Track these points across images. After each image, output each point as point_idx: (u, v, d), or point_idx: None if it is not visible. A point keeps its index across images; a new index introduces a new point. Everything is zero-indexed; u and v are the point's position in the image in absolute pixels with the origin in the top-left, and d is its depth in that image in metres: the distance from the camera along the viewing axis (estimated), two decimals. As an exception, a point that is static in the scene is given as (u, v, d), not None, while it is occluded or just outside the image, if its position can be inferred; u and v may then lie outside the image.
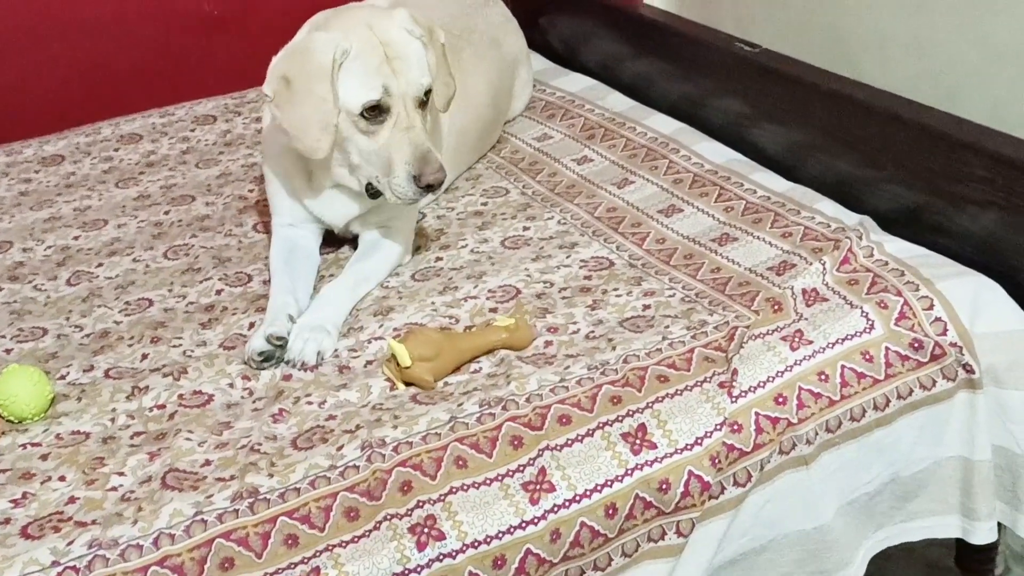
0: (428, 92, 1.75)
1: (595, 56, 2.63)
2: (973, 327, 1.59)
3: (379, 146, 1.71)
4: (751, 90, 2.15)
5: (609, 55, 2.59)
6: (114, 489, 1.40)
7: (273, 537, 1.32)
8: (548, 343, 1.64)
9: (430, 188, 1.69)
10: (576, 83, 2.54)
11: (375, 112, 1.70)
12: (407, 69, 1.72)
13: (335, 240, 1.98)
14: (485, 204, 2.10)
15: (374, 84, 1.69)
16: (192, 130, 2.53)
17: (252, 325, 1.74)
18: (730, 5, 3.02)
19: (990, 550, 1.79)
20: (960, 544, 1.76)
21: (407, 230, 1.94)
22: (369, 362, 1.63)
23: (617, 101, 2.41)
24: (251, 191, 2.22)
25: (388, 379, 1.58)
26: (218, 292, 1.87)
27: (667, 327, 1.63)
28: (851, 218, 1.84)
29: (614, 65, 2.56)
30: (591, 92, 2.48)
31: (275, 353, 1.64)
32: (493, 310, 1.74)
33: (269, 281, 1.83)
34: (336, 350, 1.66)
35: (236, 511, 1.34)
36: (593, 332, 1.65)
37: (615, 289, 1.76)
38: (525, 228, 1.98)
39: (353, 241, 1.95)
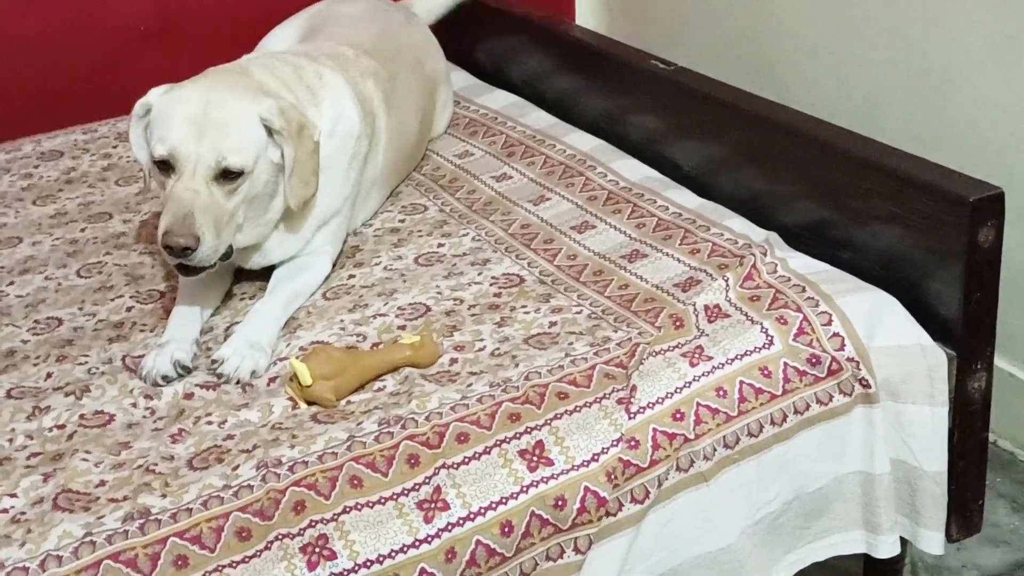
0: (235, 173, 1.69)
1: (520, 73, 2.65)
2: (870, 342, 1.61)
3: (164, 198, 1.72)
4: (667, 108, 2.18)
5: (533, 72, 2.60)
6: (5, 511, 1.38)
7: (163, 558, 1.31)
8: (453, 360, 1.64)
9: (168, 249, 1.64)
10: (499, 100, 2.55)
11: (166, 167, 1.70)
12: (214, 140, 1.69)
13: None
14: (403, 221, 2.10)
15: (167, 140, 1.69)
16: (115, 147, 2.52)
17: (160, 344, 1.74)
18: (661, 25, 3.07)
19: (897, 562, 1.81)
20: (867, 558, 1.78)
21: (334, 252, 1.94)
22: (272, 380, 1.63)
23: (539, 118, 2.42)
24: (169, 209, 2.21)
25: (290, 398, 1.58)
26: (128, 309, 1.86)
27: (571, 344, 1.64)
28: (759, 234, 1.86)
29: (538, 82, 2.58)
30: (513, 109, 2.49)
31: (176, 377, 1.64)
32: (402, 327, 1.74)
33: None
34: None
35: (126, 532, 1.33)
36: (498, 349, 1.65)
37: (523, 306, 1.76)
38: (440, 245, 1.99)
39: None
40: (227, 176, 1.70)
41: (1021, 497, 2.25)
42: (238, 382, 1.63)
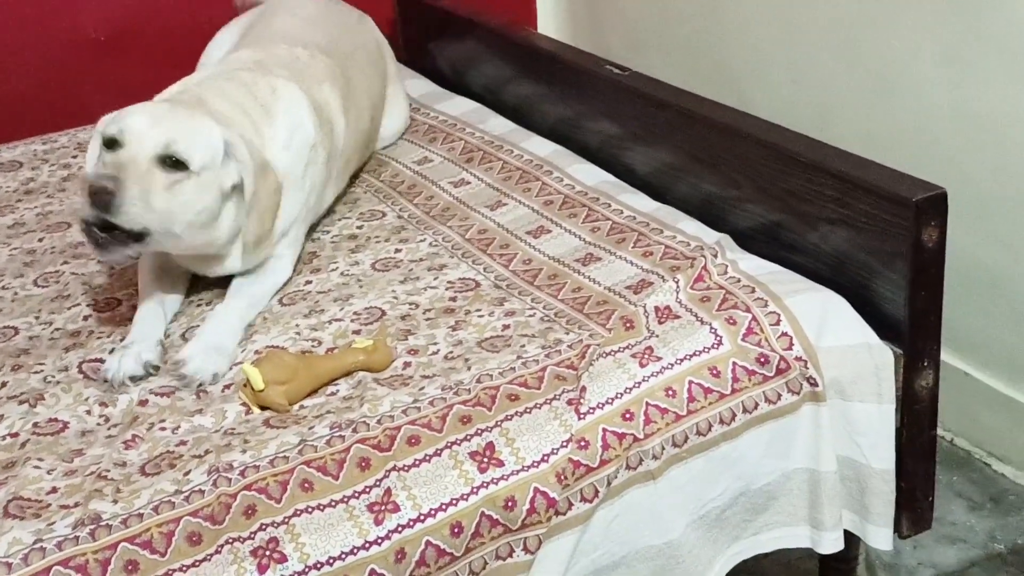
0: (179, 165, 1.68)
1: (480, 80, 2.67)
2: (818, 341, 1.63)
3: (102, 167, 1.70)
4: (622, 113, 2.19)
5: (493, 79, 2.62)
6: (-44, 520, 1.39)
7: (113, 564, 1.31)
8: (407, 364, 1.65)
9: (89, 190, 1.61)
10: (459, 106, 2.57)
11: (112, 147, 1.70)
12: (168, 128, 1.70)
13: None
14: (360, 227, 2.11)
15: (118, 120, 1.70)
16: (74, 156, 2.52)
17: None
18: (621, 33, 3.10)
19: (850, 560, 1.83)
20: (823, 556, 1.80)
21: (294, 255, 1.95)
22: (227, 387, 1.64)
23: (498, 124, 2.44)
24: (128, 217, 2.21)
25: (244, 404, 1.59)
26: (85, 318, 1.86)
27: (523, 346, 1.65)
28: (711, 236, 1.88)
29: (497, 89, 2.59)
30: (473, 115, 2.51)
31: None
32: (357, 332, 1.75)
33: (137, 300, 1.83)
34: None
35: (76, 538, 1.33)
36: (452, 352, 1.67)
37: (478, 310, 1.78)
38: (397, 250, 2.00)
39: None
40: (171, 165, 1.68)
41: (977, 495, 2.28)
42: (199, 384, 1.63)
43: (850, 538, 1.70)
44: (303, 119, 1.97)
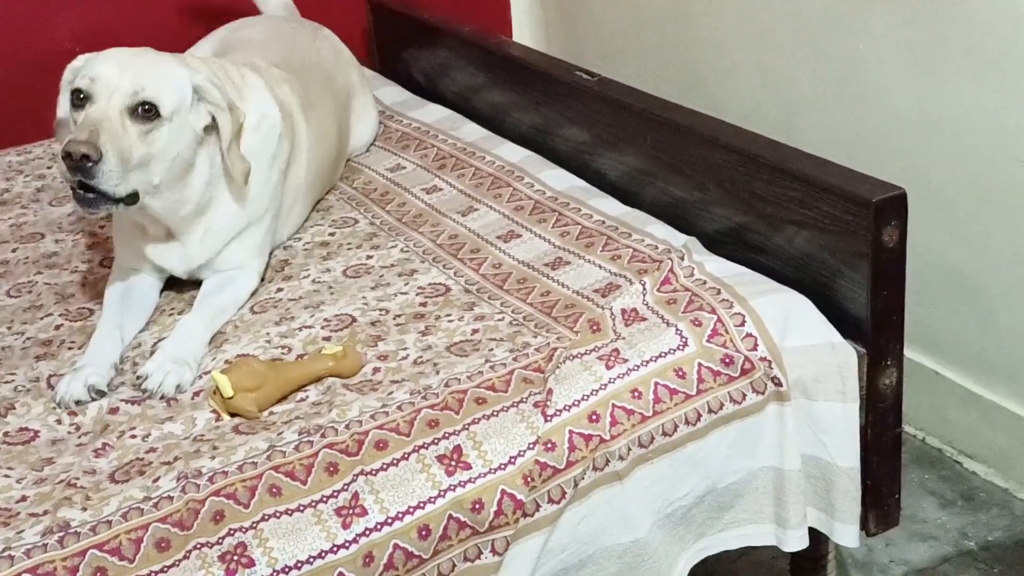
0: (151, 112, 1.72)
1: (453, 88, 2.68)
2: (783, 341, 1.64)
3: (75, 128, 1.71)
4: (592, 118, 2.21)
5: (465, 86, 2.64)
6: (-75, 529, 1.40)
7: (81, 571, 1.32)
8: (376, 369, 1.66)
9: (68, 158, 1.63)
10: (433, 114, 2.59)
11: (82, 99, 1.72)
12: (136, 74, 1.72)
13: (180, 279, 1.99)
14: (332, 235, 2.12)
15: (89, 73, 1.73)
16: (49, 167, 2.53)
17: (87, 361, 1.75)
18: (595, 39, 3.12)
19: (819, 558, 1.85)
20: (794, 554, 1.82)
21: (260, 265, 1.97)
22: (196, 394, 1.65)
23: (470, 131, 2.46)
24: (102, 227, 2.22)
25: (214, 411, 1.60)
26: (57, 328, 1.87)
27: (491, 350, 1.67)
28: (678, 239, 1.89)
29: (470, 96, 2.61)
30: (446, 122, 2.52)
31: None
32: (327, 338, 1.76)
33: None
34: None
35: (45, 545, 1.34)
36: (421, 357, 1.68)
37: (448, 315, 1.79)
38: (369, 257, 2.01)
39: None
40: (143, 115, 1.71)
41: (948, 493, 2.30)
42: (162, 397, 1.64)
43: (818, 536, 1.72)
44: (270, 107, 2.00)
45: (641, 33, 2.94)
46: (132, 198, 1.73)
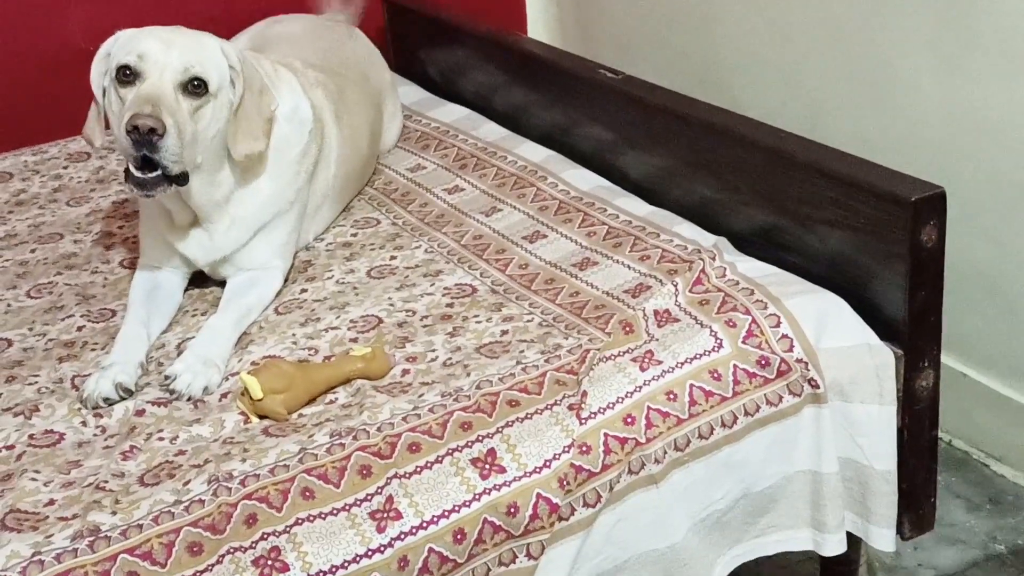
0: (197, 84, 1.73)
1: (471, 87, 2.66)
2: (818, 343, 1.62)
3: (125, 106, 1.70)
4: (615, 117, 2.19)
5: (484, 85, 2.61)
6: (-48, 533, 1.37)
7: (112, 575, 1.30)
8: (406, 371, 1.64)
9: (135, 131, 1.63)
10: (451, 113, 2.57)
11: (128, 77, 1.71)
12: (183, 51, 1.73)
13: (204, 278, 1.96)
14: (355, 235, 2.10)
15: (135, 50, 1.72)
16: (65, 167, 2.51)
17: (111, 362, 1.73)
18: (611, 37, 3.09)
19: (851, 562, 1.83)
20: (823, 558, 1.80)
21: (284, 266, 1.94)
22: (224, 396, 1.62)
23: (490, 131, 2.44)
24: (120, 227, 2.20)
25: (242, 413, 1.57)
26: (79, 329, 1.85)
27: (522, 352, 1.64)
28: (708, 239, 1.87)
29: (489, 95, 2.59)
30: (465, 122, 2.50)
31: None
32: (354, 340, 1.74)
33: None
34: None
35: (75, 550, 1.32)
36: (450, 359, 1.66)
37: (475, 316, 1.77)
38: (392, 258, 1.99)
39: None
40: (193, 90, 1.72)
41: (976, 496, 2.27)
42: (190, 398, 1.62)
43: (852, 540, 1.70)
44: (302, 102, 2.00)
45: (659, 30, 2.92)
46: (184, 178, 1.74)
